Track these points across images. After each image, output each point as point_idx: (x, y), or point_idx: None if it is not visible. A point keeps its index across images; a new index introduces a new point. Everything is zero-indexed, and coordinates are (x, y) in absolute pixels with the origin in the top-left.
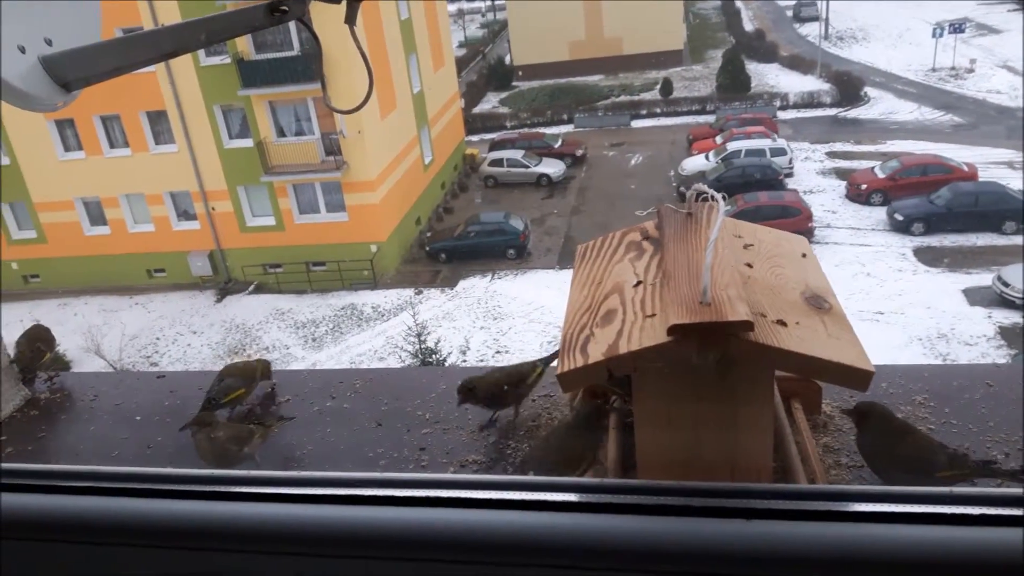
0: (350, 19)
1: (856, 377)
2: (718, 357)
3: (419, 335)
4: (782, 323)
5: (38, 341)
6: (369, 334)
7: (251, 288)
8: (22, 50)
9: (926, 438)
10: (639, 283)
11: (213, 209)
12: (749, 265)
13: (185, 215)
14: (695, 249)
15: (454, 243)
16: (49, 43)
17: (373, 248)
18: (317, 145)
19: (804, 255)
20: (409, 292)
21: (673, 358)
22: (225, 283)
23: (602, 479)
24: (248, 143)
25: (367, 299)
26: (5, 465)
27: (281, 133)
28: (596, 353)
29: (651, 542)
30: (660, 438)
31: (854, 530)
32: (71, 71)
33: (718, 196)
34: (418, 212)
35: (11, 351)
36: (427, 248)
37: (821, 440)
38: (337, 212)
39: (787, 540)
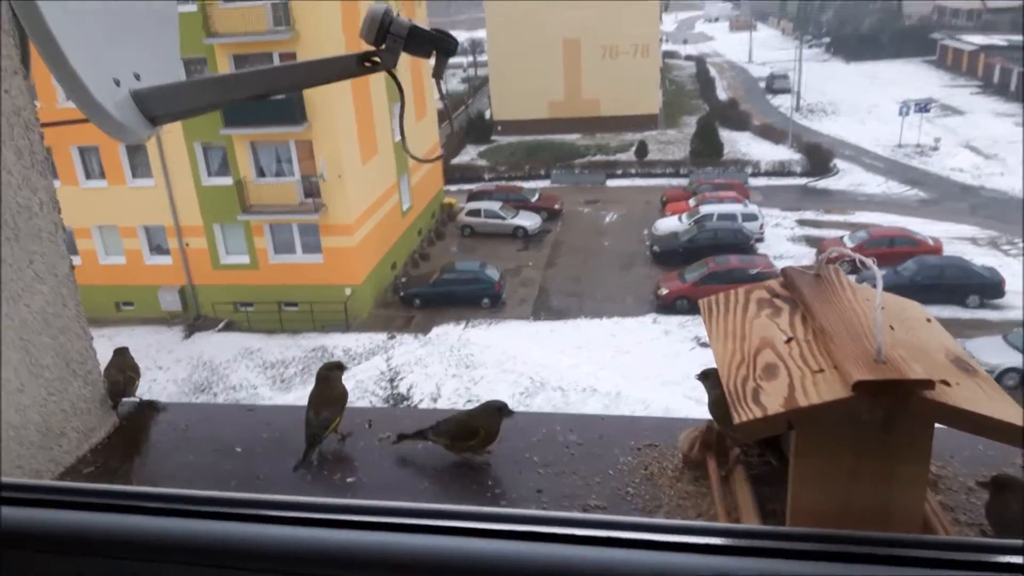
0: (438, 73)
1: None
2: (886, 414)
3: (391, 380)
4: (945, 383)
5: (128, 368)
6: None
7: (221, 326)
8: (117, 83)
9: None
10: (790, 339)
11: (187, 245)
12: (891, 327)
13: (158, 249)
14: (843, 309)
15: (429, 289)
16: (138, 78)
17: (347, 291)
18: (296, 186)
19: (928, 320)
20: (382, 336)
21: (848, 413)
22: (194, 320)
23: (779, 526)
24: (227, 181)
25: (338, 342)
26: (136, 488)
27: (261, 173)
28: (774, 405)
29: None
30: (817, 491)
31: None
32: (160, 106)
33: (870, 261)
34: (394, 257)
35: (102, 376)
36: (402, 293)
37: (936, 498)
38: (313, 253)
39: None
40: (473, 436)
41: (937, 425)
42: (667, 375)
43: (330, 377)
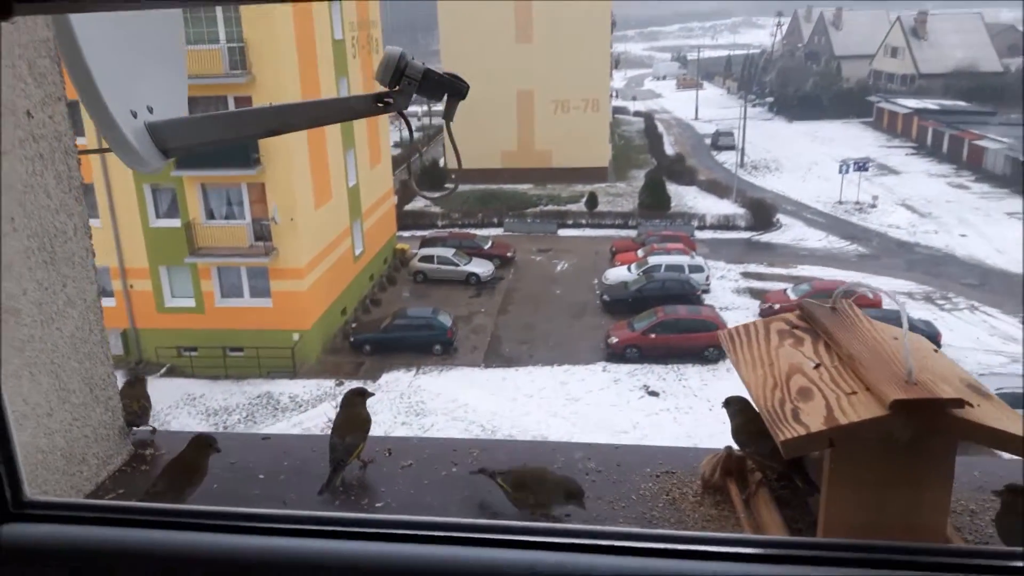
0: (448, 115)
1: None
2: (915, 431)
3: None
4: (968, 403)
5: (142, 397)
6: (284, 424)
7: (163, 371)
8: (134, 115)
9: None
10: (818, 365)
11: (131, 287)
12: None
13: (101, 292)
14: (866, 338)
15: (380, 336)
16: (150, 111)
17: (295, 336)
18: (247, 229)
19: (936, 350)
20: (329, 383)
21: (882, 430)
22: (135, 364)
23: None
24: (175, 223)
25: (284, 388)
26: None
27: (211, 215)
28: (816, 423)
29: None
30: (850, 506)
31: None
32: (173, 139)
33: (890, 292)
34: (345, 302)
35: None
36: (351, 339)
37: None
38: (261, 297)
39: None
40: (521, 490)
41: None
42: (617, 424)
43: (355, 403)
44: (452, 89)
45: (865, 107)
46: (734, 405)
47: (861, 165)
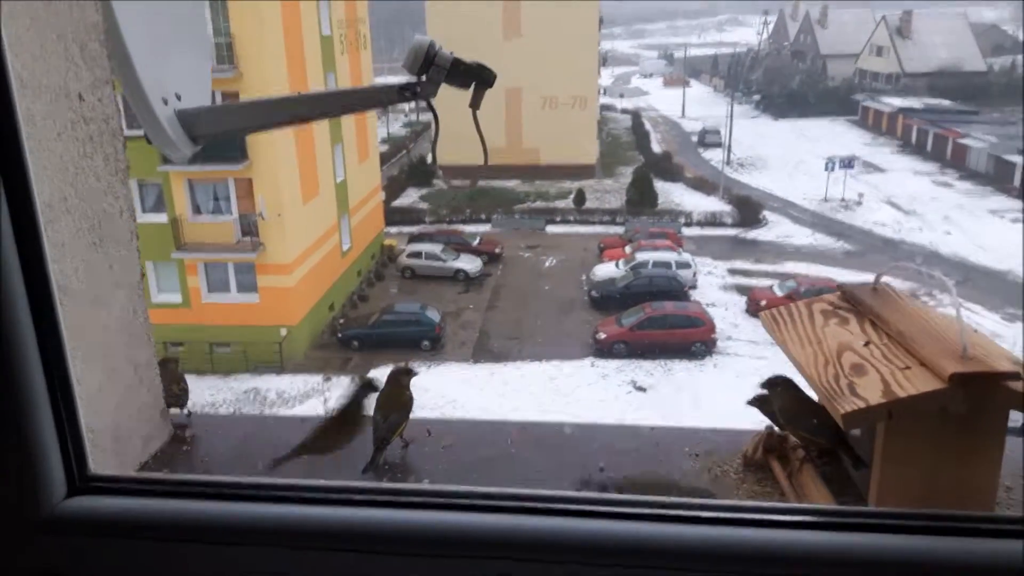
0: (475, 104)
1: None
2: (970, 403)
3: None
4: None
5: (181, 380)
6: None
7: None
8: (165, 102)
9: None
10: (868, 343)
11: None
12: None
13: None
14: (914, 316)
15: (368, 331)
16: (179, 98)
17: (283, 331)
18: (234, 225)
19: (975, 330)
20: (317, 379)
21: (939, 403)
22: None
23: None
24: (162, 218)
25: (272, 384)
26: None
27: (197, 210)
28: (874, 396)
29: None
30: (902, 476)
31: None
32: (203, 126)
33: (938, 273)
34: (332, 298)
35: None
36: (339, 335)
37: None
38: (248, 293)
39: None
40: None
41: None
42: (605, 419)
43: (399, 382)
44: (480, 77)
45: (851, 105)
46: (780, 385)
47: (847, 163)
